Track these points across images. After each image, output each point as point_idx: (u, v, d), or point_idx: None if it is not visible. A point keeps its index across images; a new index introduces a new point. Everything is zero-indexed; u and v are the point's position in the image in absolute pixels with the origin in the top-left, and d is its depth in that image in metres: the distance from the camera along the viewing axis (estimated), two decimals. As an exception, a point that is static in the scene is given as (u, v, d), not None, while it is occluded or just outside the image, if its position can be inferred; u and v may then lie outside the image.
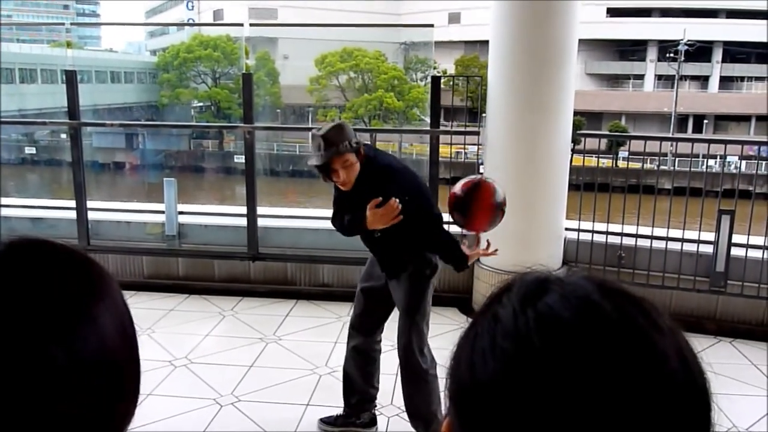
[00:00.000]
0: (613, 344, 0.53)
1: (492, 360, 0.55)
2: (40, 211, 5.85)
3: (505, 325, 0.56)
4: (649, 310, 0.57)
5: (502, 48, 4.58)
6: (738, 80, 43.61)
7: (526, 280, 0.59)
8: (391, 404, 3.66)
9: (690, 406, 0.54)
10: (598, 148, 4.99)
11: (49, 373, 0.60)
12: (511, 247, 4.62)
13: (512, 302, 0.57)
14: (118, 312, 0.68)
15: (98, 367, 0.64)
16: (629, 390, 0.51)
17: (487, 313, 0.58)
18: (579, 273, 0.60)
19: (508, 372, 0.53)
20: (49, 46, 37.90)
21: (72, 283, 0.66)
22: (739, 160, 6.81)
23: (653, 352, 0.54)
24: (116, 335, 0.67)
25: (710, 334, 4.60)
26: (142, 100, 39.32)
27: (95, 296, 0.67)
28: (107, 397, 0.65)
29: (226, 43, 36.92)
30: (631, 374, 0.52)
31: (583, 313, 0.55)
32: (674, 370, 0.54)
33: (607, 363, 0.52)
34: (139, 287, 5.22)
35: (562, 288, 0.57)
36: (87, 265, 0.69)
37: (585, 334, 0.53)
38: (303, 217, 5.76)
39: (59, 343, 0.61)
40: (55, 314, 0.62)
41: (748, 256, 4.57)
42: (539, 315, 0.55)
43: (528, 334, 0.54)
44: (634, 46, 43.51)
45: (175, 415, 3.53)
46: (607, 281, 0.59)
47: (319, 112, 36.88)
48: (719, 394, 1.98)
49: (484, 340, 0.56)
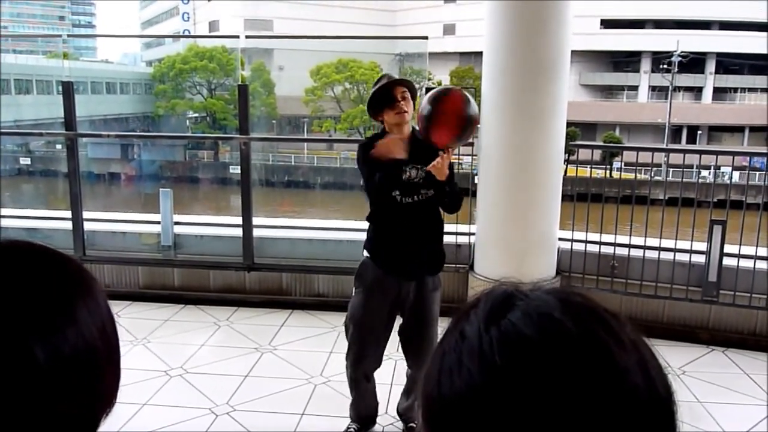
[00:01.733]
0: (574, 361, 0.54)
1: (458, 378, 0.57)
2: (35, 222, 5.86)
3: (470, 343, 0.58)
4: (612, 324, 0.58)
5: (495, 59, 4.62)
6: (731, 91, 43.86)
7: (492, 296, 0.61)
8: (386, 413, 3.67)
9: (653, 419, 0.55)
10: (591, 158, 5.03)
11: (29, 370, 0.62)
12: (505, 257, 4.66)
13: (478, 319, 0.59)
14: (99, 313, 0.69)
15: (78, 365, 0.65)
16: (590, 406, 0.53)
17: (455, 330, 0.60)
18: (545, 286, 0.62)
19: (473, 390, 0.55)
20: (44, 57, 37.91)
21: (54, 283, 0.68)
22: (731, 171, 6.88)
23: (614, 367, 0.55)
24: (97, 335, 0.68)
25: (702, 344, 4.63)
26: (137, 111, 39.36)
27: (77, 296, 0.68)
28: (85, 396, 0.67)
29: (222, 54, 37.02)
30: (592, 390, 0.53)
31: (545, 331, 0.56)
32: (636, 385, 0.55)
33: (568, 380, 0.53)
34: (135, 297, 5.24)
35: (526, 304, 0.59)
36: (68, 266, 0.71)
37: (546, 352, 0.55)
38: (298, 227, 5.78)
39: (40, 341, 0.63)
40: (36, 312, 0.64)
41: (740, 265, 4.60)
42: (502, 334, 0.57)
43: (491, 353, 0.56)
44: (628, 57, 43.76)
45: (171, 425, 3.53)
46: (570, 295, 0.61)
47: (315, 123, 36.96)
48: (711, 403, 2.03)
49: (451, 358, 0.58)
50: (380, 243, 3.17)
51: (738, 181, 11.88)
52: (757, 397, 3.97)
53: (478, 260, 4.87)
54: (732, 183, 6.01)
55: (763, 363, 4.40)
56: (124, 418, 3.47)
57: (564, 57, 4.57)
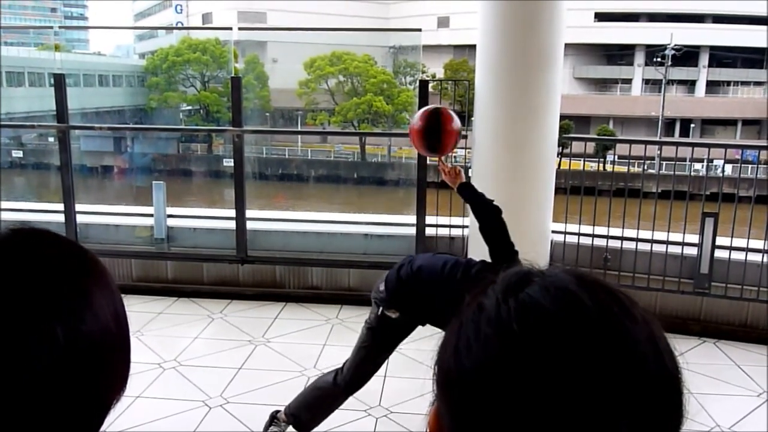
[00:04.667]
0: (588, 330, 0.56)
1: (476, 346, 0.58)
2: (28, 215, 5.84)
3: (488, 313, 0.59)
4: (624, 300, 0.60)
5: (489, 52, 4.62)
6: (724, 84, 43.94)
7: (510, 274, 0.63)
8: (379, 405, 3.69)
9: (660, 388, 0.57)
10: (584, 151, 5.03)
11: (51, 350, 0.63)
12: (499, 250, 4.67)
13: (496, 293, 0.60)
14: (112, 300, 0.71)
15: (93, 348, 0.67)
16: (602, 372, 0.55)
17: (472, 304, 0.62)
18: (560, 267, 0.64)
19: (490, 357, 0.57)
20: (36, 49, 37.69)
21: (71, 268, 0.69)
22: (723, 164, 6.90)
23: (626, 337, 0.57)
24: (111, 321, 0.70)
25: (694, 335, 4.66)
26: (130, 104, 39.13)
27: (92, 283, 0.70)
28: (99, 379, 0.68)
29: (215, 46, 36.83)
30: (604, 357, 0.55)
31: (562, 302, 0.58)
32: (645, 354, 0.57)
33: (582, 348, 0.55)
34: (128, 290, 5.22)
35: (543, 280, 0.60)
36: (83, 253, 0.73)
37: (562, 321, 0.57)
38: (292, 220, 5.78)
39: (61, 322, 0.64)
40: (56, 295, 0.65)
41: (731, 258, 4.63)
42: (520, 304, 0.58)
43: (509, 321, 0.57)
44: (622, 50, 43.75)
45: (164, 417, 3.54)
46: (585, 274, 0.62)
47: (309, 116, 36.85)
48: (703, 394, 2.03)
49: (468, 328, 0.60)
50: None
51: (730, 174, 11.91)
52: (748, 388, 4.01)
53: (471, 253, 4.88)
54: (724, 176, 6.01)
55: (754, 354, 4.43)
56: (118, 411, 3.46)
57: (557, 50, 4.57)
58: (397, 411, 3.65)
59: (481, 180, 4.74)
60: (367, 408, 3.64)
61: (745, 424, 3.61)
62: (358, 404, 3.65)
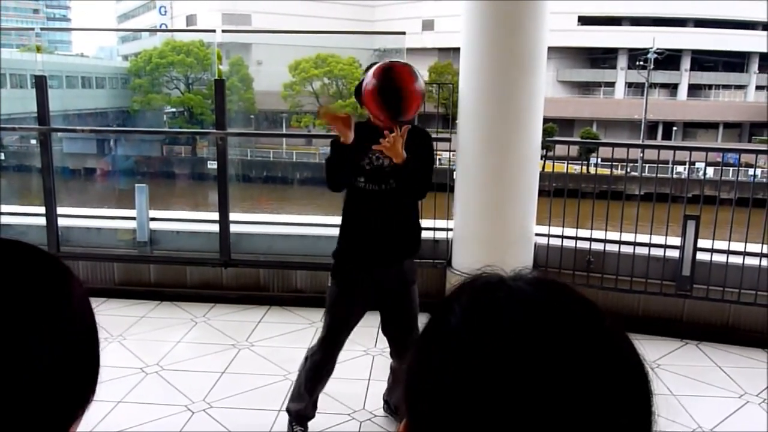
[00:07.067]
0: (552, 342, 0.56)
1: (438, 361, 0.58)
2: (8, 218, 5.77)
3: (450, 329, 0.59)
4: (590, 306, 0.61)
5: (472, 55, 4.63)
6: (706, 88, 44.42)
7: (474, 286, 0.63)
8: (363, 409, 3.68)
9: (623, 394, 0.56)
10: (568, 154, 5.06)
11: (26, 363, 0.63)
12: (482, 252, 4.68)
13: (461, 307, 0.61)
14: (83, 312, 0.71)
15: (67, 359, 0.66)
16: (565, 385, 0.54)
17: (436, 320, 0.62)
18: (525, 275, 0.64)
19: (452, 373, 0.56)
20: (18, 51, 37.36)
21: (43, 280, 0.68)
22: (705, 167, 6.96)
23: (592, 349, 0.57)
24: (80, 334, 0.69)
25: (676, 337, 4.68)
26: (113, 106, 38.88)
27: (65, 293, 0.69)
28: (64, 391, 0.67)
29: (199, 48, 36.71)
30: (569, 370, 0.55)
31: (526, 316, 0.58)
32: (611, 363, 0.57)
33: (546, 361, 0.55)
34: (110, 294, 5.18)
35: (507, 293, 0.60)
36: (55, 264, 0.72)
37: (525, 336, 0.56)
38: (275, 223, 5.76)
39: (37, 334, 0.64)
40: (31, 307, 0.65)
41: (713, 260, 4.66)
42: (484, 319, 0.58)
43: (472, 338, 0.57)
44: (605, 54, 44.11)
45: (147, 422, 3.50)
46: (552, 285, 0.62)
47: (293, 118, 36.82)
48: (685, 396, 2.05)
49: (432, 344, 0.60)
50: (349, 231, 3.18)
51: (712, 176, 12.02)
52: (729, 390, 4.03)
53: (455, 255, 4.89)
54: (706, 178, 6.06)
55: (735, 356, 4.47)
56: (99, 416, 3.44)
57: (541, 53, 4.59)
58: (381, 415, 3.64)
59: (464, 182, 4.75)
60: (351, 412, 3.63)
61: (727, 426, 3.64)
62: (341, 408, 3.65)
